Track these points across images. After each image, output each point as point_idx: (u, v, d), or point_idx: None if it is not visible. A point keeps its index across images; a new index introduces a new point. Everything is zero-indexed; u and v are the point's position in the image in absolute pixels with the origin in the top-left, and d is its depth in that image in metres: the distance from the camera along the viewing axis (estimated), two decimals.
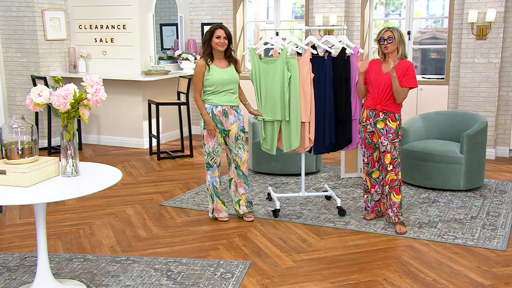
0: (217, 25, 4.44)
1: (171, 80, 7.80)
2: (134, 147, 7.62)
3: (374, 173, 4.53)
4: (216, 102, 4.40)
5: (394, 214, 4.36)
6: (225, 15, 8.31)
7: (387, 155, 4.31)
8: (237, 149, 4.52)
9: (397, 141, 4.33)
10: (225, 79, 4.38)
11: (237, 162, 4.55)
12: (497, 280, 3.53)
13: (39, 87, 3.11)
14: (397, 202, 4.35)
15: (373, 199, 4.59)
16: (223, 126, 4.45)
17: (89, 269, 3.68)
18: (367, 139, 4.43)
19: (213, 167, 4.53)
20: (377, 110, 4.30)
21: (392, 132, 4.29)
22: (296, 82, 4.56)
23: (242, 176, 4.59)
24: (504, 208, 4.93)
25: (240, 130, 4.50)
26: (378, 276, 3.58)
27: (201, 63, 4.38)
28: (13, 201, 2.91)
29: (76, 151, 3.18)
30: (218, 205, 4.62)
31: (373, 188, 4.56)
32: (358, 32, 7.57)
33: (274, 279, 3.56)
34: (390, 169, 4.32)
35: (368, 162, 4.52)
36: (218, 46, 4.36)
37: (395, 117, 4.30)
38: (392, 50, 4.25)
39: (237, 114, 4.48)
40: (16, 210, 4.92)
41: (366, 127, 4.41)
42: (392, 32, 4.24)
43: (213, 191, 4.59)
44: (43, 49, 7.50)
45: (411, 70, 4.24)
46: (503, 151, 7.00)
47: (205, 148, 4.49)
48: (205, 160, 4.54)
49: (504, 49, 6.75)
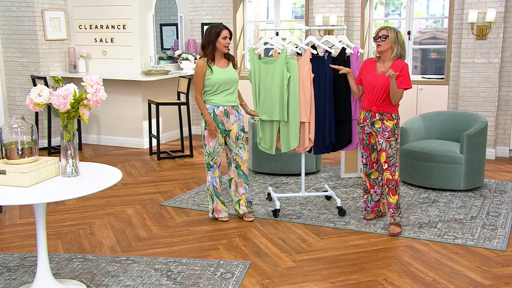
0: (221, 25, 4.38)
1: (171, 80, 7.80)
2: (134, 147, 7.62)
3: (373, 174, 4.52)
4: (218, 102, 4.39)
5: (390, 215, 4.35)
6: (225, 15, 8.30)
7: (382, 154, 4.30)
8: (238, 149, 4.51)
9: (393, 140, 4.29)
10: (226, 78, 4.37)
11: (238, 162, 4.55)
12: (497, 280, 3.53)
13: (39, 87, 3.11)
14: (393, 203, 4.31)
15: (372, 200, 4.59)
16: (224, 126, 4.44)
17: (89, 269, 3.68)
18: (365, 141, 4.43)
19: (213, 167, 4.53)
20: (373, 111, 4.29)
21: (389, 130, 4.27)
22: (295, 82, 4.56)
23: (243, 176, 4.59)
24: (504, 208, 4.93)
25: (240, 130, 4.50)
26: (378, 276, 3.58)
27: (202, 63, 4.35)
28: (13, 201, 2.92)
29: (76, 151, 3.18)
30: (218, 206, 4.62)
31: (372, 188, 4.56)
32: (358, 32, 7.57)
33: (274, 279, 3.56)
34: (385, 167, 4.30)
35: (366, 163, 4.51)
36: (224, 48, 4.35)
37: (391, 117, 4.28)
38: (385, 49, 4.20)
39: (237, 114, 4.48)
40: (16, 210, 4.92)
41: (363, 129, 4.40)
42: (387, 30, 4.19)
43: (213, 191, 4.59)
44: (43, 49, 7.50)
45: (405, 70, 4.20)
46: (503, 151, 7.00)
47: (205, 148, 4.49)
48: (206, 160, 4.53)
49: (504, 49, 6.75)
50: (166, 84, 7.82)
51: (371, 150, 4.44)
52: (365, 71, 4.34)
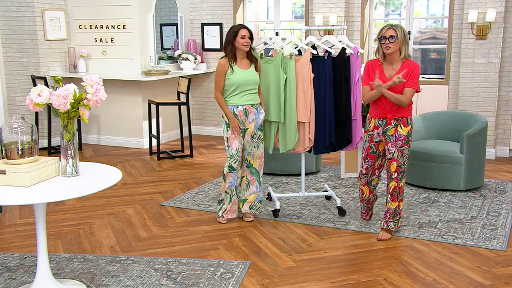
0: (240, 25, 4.39)
1: (171, 80, 7.80)
2: (134, 147, 7.62)
3: (374, 181, 4.31)
4: (237, 103, 4.38)
5: (385, 220, 4.23)
6: (225, 15, 8.31)
7: (393, 163, 4.07)
8: (251, 148, 4.50)
9: (406, 148, 4.06)
10: (246, 80, 4.35)
11: (249, 161, 4.54)
12: (497, 280, 3.53)
13: (39, 87, 3.11)
14: (392, 208, 4.18)
15: (367, 205, 4.47)
16: (244, 125, 4.44)
17: (89, 269, 3.68)
18: (372, 149, 4.18)
19: (236, 169, 4.46)
20: (388, 118, 4.03)
21: (402, 139, 4.03)
22: (292, 84, 4.54)
23: (255, 173, 4.58)
24: (504, 208, 4.93)
25: (257, 129, 4.47)
26: (378, 276, 3.58)
27: (224, 62, 4.35)
28: (13, 201, 2.92)
29: (76, 151, 3.18)
30: (234, 206, 4.56)
31: (371, 193, 4.39)
32: (358, 32, 7.57)
33: (274, 279, 3.56)
34: (394, 177, 4.09)
35: (367, 172, 4.26)
36: (243, 47, 4.32)
37: (407, 122, 4.03)
38: (394, 50, 3.91)
39: (256, 113, 4.45)
40: (16, 210, 4.92)
41: (372, 137, 4.14)
42: (395, 30, 3.87)
43: (236, 191, 4.54)
44: (43, 49, 7.50)
45: (417, 72, 3.94)
46: (503, 151, 7.00)
47: (228, 150, 4.43)
48: (228, 163, 4.44)
49: (504, 49, 6.75)
50: (166, 84, 7.82)
51: (376, 158, 4.21)
52: (373, 75, 4.02)
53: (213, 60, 8.37)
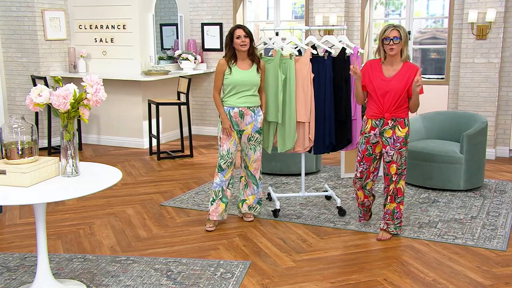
0: (235, 26, 4.39)
1: (171, 80, 7.80)
2: (134, 147, 7.62)
3: (368, 185, 4.26)
4: (233, 104, 4.36)
5: (385, 221, 4.21)
6: (225, 15, 8.31)
7: (392, 166, 4.05)
8: (248, 150, 4.49)
9: (405, 150, 4.04)
10: (243, 80, 4.32)
11: (246, 162, 4.55)
12: (497, 280, 3.53)
13: (39, 87, 3.11)
14: (390, 209, 4.16)
15: (362, 209, 4.46)
16: (238, 127, 4.42)
17: (89, 269, 3.68)
18: (368, 151, 4.12)
19: (224, 170, 4.44)
20: (386, 118, 3.99)
21: (400, 141, 4.00)
22: (291, 84, 4.54)
23: (251, 177, 4.58)
24: (504, 208, 4.93)
25: (255, 132, 4.44)
26: (378, 276, 3.58)
27: (222, 62, 4.35)
28: (13, 201, 2.92)
29: (76, 151, 3.18)
30: (218, 208, 4.48)
31: (366, 198, 4.35)
32: (358, 32, 7.57)
33: (274, 279, 3.56)
34: (394, 179, 4.08)
35: (361, 176, 4.21)
36: (240, 47, 4.30)
37: (404, 123, 4.01)
38: (398, 51, 3.88)
39: (254, 115, 4.40)
40: (16, 210, 4.92)
41: (369, 139, 4.09)
42: (398, 31, 3.84)
43: (221, 193, 4.47)
44: (43, 49, 7.50)
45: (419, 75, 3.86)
46: (503, 151, 7.00)
47: (220, 150, 4.44)
48: (218, 162, 4.44)
49: (504, 49, 6.75)
50: (166, 84, 7.82)
51: (372, 161, 4.16)
52: (371, 74, 4.01)
53: (213, 60, 8.37)
